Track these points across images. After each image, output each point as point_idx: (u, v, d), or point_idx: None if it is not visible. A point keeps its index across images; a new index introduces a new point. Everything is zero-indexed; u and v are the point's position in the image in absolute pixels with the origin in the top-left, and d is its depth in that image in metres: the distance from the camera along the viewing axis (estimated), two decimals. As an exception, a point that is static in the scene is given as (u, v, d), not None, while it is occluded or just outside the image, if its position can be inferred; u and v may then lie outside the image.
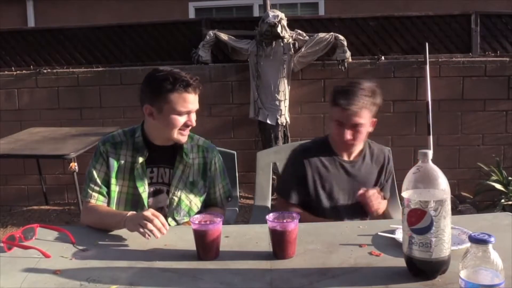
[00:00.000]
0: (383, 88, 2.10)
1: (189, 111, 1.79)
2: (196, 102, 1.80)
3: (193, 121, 1.81)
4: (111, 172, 1.84)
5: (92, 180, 1.84)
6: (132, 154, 1.86)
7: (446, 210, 1.19)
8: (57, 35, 4.94)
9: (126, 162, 1.85)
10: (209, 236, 1.40)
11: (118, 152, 1.86)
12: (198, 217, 1.47)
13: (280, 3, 5.72)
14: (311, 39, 4.47)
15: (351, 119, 1.86)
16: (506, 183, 4.00)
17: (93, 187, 1.83)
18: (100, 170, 1.84)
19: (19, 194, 4.92)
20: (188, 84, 1.74)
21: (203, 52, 4.63)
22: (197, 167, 1.91)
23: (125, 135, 1.90)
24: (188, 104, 1.77)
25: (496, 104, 4.53)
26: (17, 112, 4.85)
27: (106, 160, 1.85)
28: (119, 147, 1.87)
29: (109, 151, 1.86)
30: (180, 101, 1.75)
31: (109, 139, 1.89)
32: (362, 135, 1.91)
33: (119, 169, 1.85)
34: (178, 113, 1.77)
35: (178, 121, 1.78)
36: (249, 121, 4.60)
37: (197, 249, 1.42)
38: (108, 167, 1.84)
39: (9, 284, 1.27)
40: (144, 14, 5.76)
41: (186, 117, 1.79)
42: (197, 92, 1.79)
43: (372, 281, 1.22)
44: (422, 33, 4.65)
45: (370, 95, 1.88)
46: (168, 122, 1.78)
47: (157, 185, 1.88)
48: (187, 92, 1.75)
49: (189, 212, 1.89)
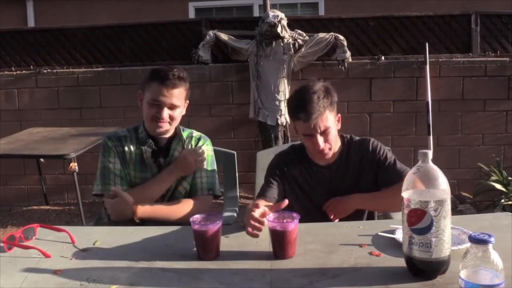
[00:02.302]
0: (383, 88, 2.08)
1: (160, 103, 1.85)
2: (172, 97, 1.85)
3: (163, 115, 1.86)
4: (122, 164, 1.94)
5: (112, 173, 1.91)
6: (137, 146, 1.96)
7: (446, 210, 1.19)
8: (57, 35, 4.94)
9: (132, 153, 1.94)
10: (209, 236, 1.40)
11: (124, 145, 1.96)
12: (198, 217, 1.47)
13: (280, 3, 5.72)
14: (311, 39, 4.47)
15: (317, 129, 1.78)
16: (506, 183, 4.00)
17: (114, 179, 1.91)
18: (115, 163, 1.93)
19: (19, 194, 4.92)
20: (166, 77, 1.83)
21: (203, 52, 4.64)
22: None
23: (129, 131, 2.00)
24: (160, 96, 1.84)
25: (496, 104, 4.54)
26: (17, 112, 4.86)
27: (116, 153, 1.94)
28: (124, 140, 1.97)
29: (116, 144, 1.95)
30: (154, 91, 1.86)
31: (113, 134, 2.00)
32: (333, 137, 1.84)
33: (129, 161, 1.95)
34: (150, 103, 1.87)
35: (148, 111, 1.88)
36: (249, 121, 4.60)
37: (197, 249, 1.42)
38: (119, 160, 1.93)
39: (9, 284, 1.27)
40: (144, 14, 5.76)
41: (156, 109, 1.86)
42: (175, 88, 1.85)
43: (372, 281, 1.22)
44: (422, 33, 4.66)
45: (324, 95, 1.79)
46: (144, 109, 1.90)
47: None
48: (162, 84, 1.84)
49: (178, 196, 1.96)
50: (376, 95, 4.61)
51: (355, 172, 1.90)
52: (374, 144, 1.91)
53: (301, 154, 1.94)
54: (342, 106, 4.64)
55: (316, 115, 1.75)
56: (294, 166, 1.92)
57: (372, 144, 1.91)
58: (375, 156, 1.88)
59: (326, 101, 1.78)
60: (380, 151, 1.89)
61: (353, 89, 4.60)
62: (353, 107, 4.61)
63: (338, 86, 4.65)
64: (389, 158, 1.88)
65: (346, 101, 4.60)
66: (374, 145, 1.91)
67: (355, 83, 4.61)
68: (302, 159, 1.93)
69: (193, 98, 2.09)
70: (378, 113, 4.63)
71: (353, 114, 4.60)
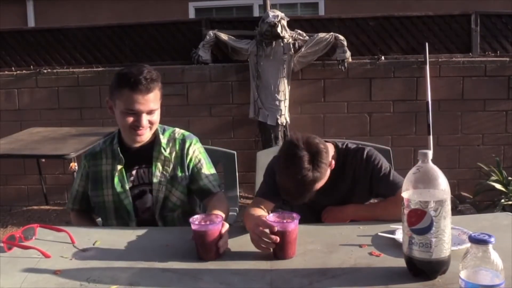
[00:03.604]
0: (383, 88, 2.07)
1: (136, 111, 1.71)
2: (148, 103, 1.71)
3: (142, 123, 1.72)
4: (93, 185, 1.89)
5: (73, 192, 1.98)
6: (112, 162, 1.86)
7: (446, 210, 1.19)
8: (57, 35, 4.94)
9: (107, 171, 1.87)
10: (209, 236, 1.39)
11: (99, 162, 1.89)
12: (198, 217, 1.47)
13: (280, 3, 5.72)
14: (311, 39, 4.47)
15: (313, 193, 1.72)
16: (506, 183, 4.00)
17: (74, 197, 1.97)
18: (79, 184, 1.95)
19: (19, 194, 4.92)
20: (138, 82, 1.67)
21: (203, 52, 4.64)
22: (175, 161, 1.86)
23: (105, 143, 1.92)
24: (134, 105, 1.69)
25: (496, 104, 4.54)
26: (17, 112, 4.86)
27: (85, 175, 1.93)
28: (99, 157, 1.90)
29: (91, 163, 1.91)
30: (127, 100, 1.70)
31: (90, 151, 1.95)
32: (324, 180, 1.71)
33: (103, 180, 1.87)
34: (125, 112, 1.72)
35: (124, 121, 1.73)
36: (249, 121, 4.60)
37: (197, 249, 1.42)
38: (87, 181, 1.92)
39: (9, 284, 1.27)
40: (144, 14, 5.76)
41: (133, 117, 1.72)
42: (149, 92, 1.70)
43: (372, 281, 1.22)
44: (422, 33, 4.66)
45: (313, 173, 1.62)
46: (118, 119, 1.76)
47: (139, 187, 1.87)
48: (135, 91, 1.68)
49: (173, 207, 1.87)
50: (376, 95, 4.61)
51: (349, 181, 1.86)
52: (368, 154, 1.84)
53: None
54: (342, 106, 4.65)
55: (306, 197, 1.67)
56: None
57: (367, 154, 1.84)
58: (368, 167, 1.82)
59: (320, 179, 1.65)
60: (375, 161, 1.82)
61: (353, 89, 4.60)
62: (353, 107, 4.61)
63: (338, 86, 4.71)
64: (383, 169, 1.81)
65: (346, 101, 4.60)
66: (369, 155, 1.84)
67: (355, 83, 4.61)
68: None
69: (193, 98, 2.09)
70: (378, 113, 4.63)
71: (353, 114, 4.61)
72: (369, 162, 1.83)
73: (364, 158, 1.84)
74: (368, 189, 1.86)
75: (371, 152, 1.86)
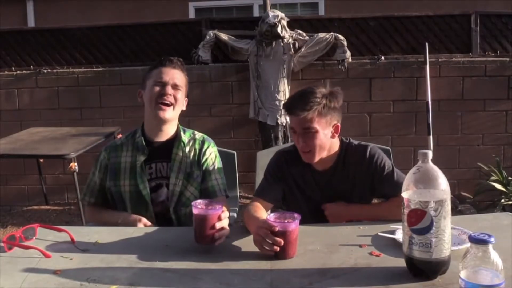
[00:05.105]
0: (383, 88, 2.07)
1: (164, 82, 1.91)
2: (174, 76, 1.93)
3: (168, 91, 1.89)
4: (112, 175, 1.95)
5: (90, 186, 2.02)
6: (132, 154, 1.96)
7: (446, 210, 1.19)
8: (57, 35, 4.94)
9: (127, 162, 1.95)
10: (209, 221, 1.44)
11: (120, 154, 1.98)
12: (201, 202, 1.51)
13: (280, 3, 5.73)
14: (311, 39, 4.47)
15: (299, 125, 1.75)
16: (506, 183, 4.00)
17: (92, 191, 2.01)
18: (97, 177, 2.00)
19: (19, 194, 4.92)
20: (167, 60, 1.96)
21: (203, 52, 4.64)
22: (192, 158, 1.98)
23: (126, 138, 2.02)
24: (162, 75, 1.91)
25: (496, 104, 4.54)
26: (17, 112, 4.86)
27: (104, 166, 1.98)
28: (120, 149, 1.99)
29: (111, 155, 1.99)
30: (156, 74, 1.93)
31: (111, 144, 2.04)
32: (319, 142, 1.75)
33: (122, 170, 1.95)
34: (154, 83, 1.91)
35: (153, 90, 1.90)
36: (249, 121, 4.61)
37: (195, 232, 1.47)
38: (105, 172, 1.97)
39: (9, 284, 1.26)
40: (144, 14, 5.76)
41: (160, 87, 1.90)
42: (176, 68, 1.95)
43: (372, 281, 1.22)
44: (422, 33, 4.66)
45: (323, 98, 1.75)
46: (147, 95, 1.92)
47: (156, 180, 1.95)
48: (164, 66, 1.94)
49: (187, 202, 1.93)
50: (376, 95, 4.61)
51: (351, 177, 1.85)
52: (371, 151, 1.83)
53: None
54: (342, 106, 4.63)
55: (303, 111, 1.72)
56: (294, 166, 1.89)
57: (370, 151, 1.82)
58: (371, 165, 1.81)
59: (321, 103, 1.74)
60: (378, 160, 1.81)
61: (353, 89, 4.60)
62: (353, 107, 4.61)
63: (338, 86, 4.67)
64: (386, 168, 1.80)
65: (346, 101, 4.60)
66: (372, 153, 1.82)
67: (355, 83, 4.61)
68: (302, 160, 1.91)
69: (193, 98, 2.10)
70: (378, 113, 4.63)
71: (353, 114, 4.61)
72: (372, 160, 1.82)
73: (367, 155, 1.83)
74: (369, 188, 1.85)
75: (374, 149, 1.85)
